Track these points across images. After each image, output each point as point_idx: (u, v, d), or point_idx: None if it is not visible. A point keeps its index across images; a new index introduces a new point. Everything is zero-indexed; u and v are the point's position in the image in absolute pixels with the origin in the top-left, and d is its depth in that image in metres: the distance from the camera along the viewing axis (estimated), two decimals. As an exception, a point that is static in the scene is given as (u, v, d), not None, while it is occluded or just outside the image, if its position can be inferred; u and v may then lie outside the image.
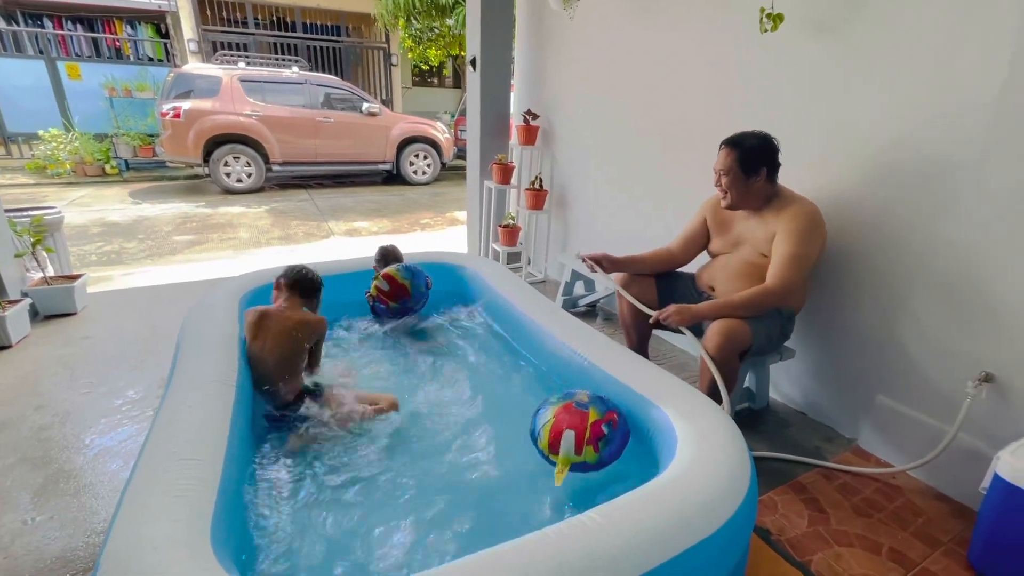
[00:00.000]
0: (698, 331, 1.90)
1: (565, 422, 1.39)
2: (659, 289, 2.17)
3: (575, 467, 1.39)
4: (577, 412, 1.40)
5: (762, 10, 1.97)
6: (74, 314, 2.96)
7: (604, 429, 1.38)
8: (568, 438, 1.36)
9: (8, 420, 2.02)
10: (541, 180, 3.67)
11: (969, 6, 1.59)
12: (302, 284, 1.90)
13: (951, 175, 1.69)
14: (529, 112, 3.64)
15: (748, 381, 2.23)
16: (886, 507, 1.73)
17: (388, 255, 2.64)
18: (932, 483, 1.84)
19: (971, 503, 1.72)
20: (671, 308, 1.86)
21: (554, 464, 1.41)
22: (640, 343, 2.21)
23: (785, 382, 2.34)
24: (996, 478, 1.42)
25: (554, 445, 1.39)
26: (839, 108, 1.97)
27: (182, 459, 1.17)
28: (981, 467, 1.52)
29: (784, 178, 2.01)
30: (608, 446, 1.39)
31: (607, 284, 2.44)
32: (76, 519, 1.57)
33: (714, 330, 1.79)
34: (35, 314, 2.87)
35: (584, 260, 2.18)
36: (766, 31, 1.98)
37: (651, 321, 1.92)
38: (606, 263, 2.16)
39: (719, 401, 1.73)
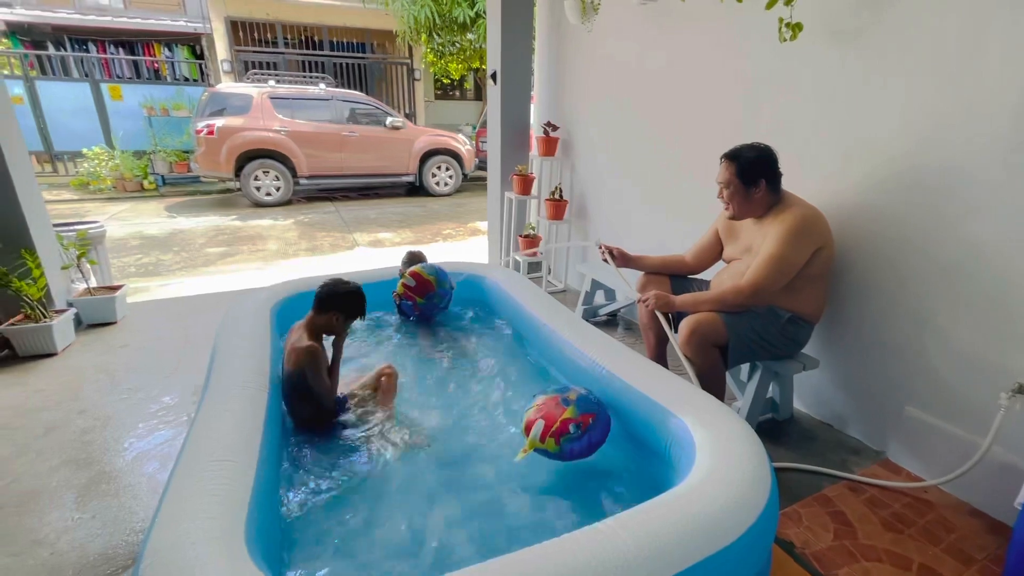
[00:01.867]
0: None
1: (542, 412, 1.57)
2: (673, 289, 2.26)
3: (539, 451, 1.57)
4: (558, 407, 1.57)
5: (781, 20, 1.98)
6: (114, 323, 3.10)
7: (571, 428, 1.53)
8: (538, 426, 1.55)
9: (54, 423, 2.13)
10: (561, 190, 3.71)
11: (991, 9, 1.57)
12: (317, 295, 1.83)
13: (976, 180, 1.66)
14: (549, 124, 3.69)
15: (771, 391, 2.21)
16: (916, 522, 1.69)
17: (415, 259, 2.77)
18: (965, 498, 1.78)
19: (1006, 519, 1.67)
20: (652, 293, 2.02)
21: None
22: (659, 346, 2.24)
23: (810, 393, 2.30)
24: (1031, 493, 1.38)
25: (528, 428, 1.58)
26: (859, 115, 1.95)
27: (218, 460, 1.23)
28: (1016, 482, 1.47)
29: (804, 186, 2.00)
30: (570, 443, 1.53)
31: (616, 278, 2.75)
32: (117, 518, 1.65)
33: (683, 324, 1.92)
34: (79, 323, 3.02)
35: (600, 247, 2.36)
36: (785, 40, 1.99)
37: (637, 301, 2.09)
38: (616, 254, 2.30)
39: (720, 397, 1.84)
